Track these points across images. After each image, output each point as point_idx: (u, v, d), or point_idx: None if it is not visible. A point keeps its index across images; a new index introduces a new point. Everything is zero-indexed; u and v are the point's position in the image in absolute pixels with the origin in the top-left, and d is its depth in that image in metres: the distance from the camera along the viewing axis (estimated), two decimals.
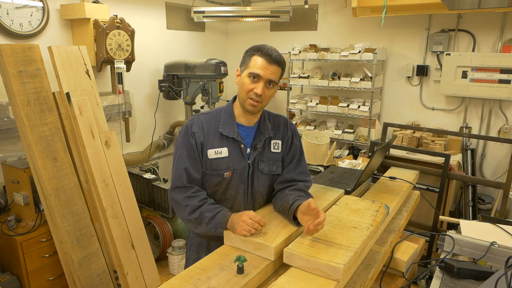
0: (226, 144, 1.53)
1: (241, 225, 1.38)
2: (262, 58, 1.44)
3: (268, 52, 1.44)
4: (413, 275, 1.73)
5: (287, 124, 1.67)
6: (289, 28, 4.37)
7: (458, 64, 3.39)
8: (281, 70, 1.49)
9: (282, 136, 1.64)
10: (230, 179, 1.54)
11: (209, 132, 1.53)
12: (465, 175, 3.18)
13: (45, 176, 2.33)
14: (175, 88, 3.65)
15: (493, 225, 1.72)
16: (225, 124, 1.54)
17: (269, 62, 1.43)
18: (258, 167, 1.58)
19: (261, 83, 1.45)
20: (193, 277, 1.22)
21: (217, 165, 1.52)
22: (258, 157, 1.58)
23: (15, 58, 2.29)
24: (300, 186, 1.59)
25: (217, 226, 1.44)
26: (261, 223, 1.40)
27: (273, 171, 1.61)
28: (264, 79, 1.44)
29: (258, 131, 1.59)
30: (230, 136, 1.53)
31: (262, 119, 1.61)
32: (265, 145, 1.60)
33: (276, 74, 1.47)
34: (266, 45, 1.48)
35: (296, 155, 1.66)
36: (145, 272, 2.72)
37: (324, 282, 1.19)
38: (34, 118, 2.34)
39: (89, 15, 2.90)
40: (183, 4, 4.07)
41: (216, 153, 1.51)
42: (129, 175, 2.77)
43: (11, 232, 2.47)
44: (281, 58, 1.47)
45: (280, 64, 1.47)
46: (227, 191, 1.56)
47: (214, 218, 1.44)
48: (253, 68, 1.45)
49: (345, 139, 3.83)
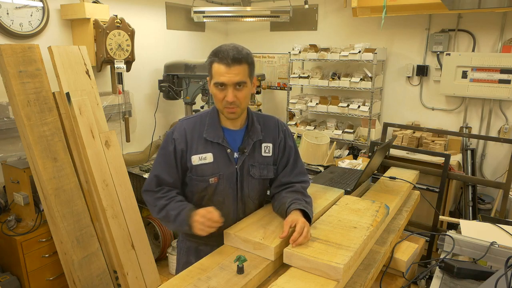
0: (211, 150, 1.48)
1: (195, 225, 1.37)
2: (221, 64, 1.36)
3: (225, 55, 1.35)
4: (413, 275, 1.73)
5: (278, 125, 1.61)
6: (289, 28, 4.36)
7: (458, 64, 3.39)
8: (246, 66, 1.38)
9: (273, 139, 1.58)
10: (217, 185, 1.50)
11: (192, 137, 1.49)
12: (465, 175, 3.18)
13: (45, 176, 2.33)
14: (175, 88, 3.65)
15: (493, 225, 1.72)
16: (209, 129, 1.49)
17: (229, 65, 1.35)
18: (248, 172, 1.53)
19: (229, 90, 1.37)
20: (193, 277, 1.22)
21: (202, 171, 1.48)
22: (247, 161, 1.52)
23: (15, 58, 2.29)
24: (297, 188, 1.57)
25: (182, 224, 1.42)
26: (214, 220, 1.35)
27: (264, 175, 1.56)
28: (230, 84, 1.37)
29: (247, 134, 1.52)
30: (215, 141, 1.48)
31: (250, 121, 1.55)
32: (255, 149, 1.54)
33: (241, 73, 1.37)
34: (223, 46, 1.39)
35: (291, 157, 1.61)
36: (145, 272, 2.72)
37: (324, 282, 1.19)
38: (34, 118, 2.34)
39: (89, 15, 2.90)
40: (183, 4, 4.07)
41: (200, 159, 1.47)
42: (129, 175, 2.77)
43: (11, 232, 2.47)
44: (240, 55, 1.36)
45: (242, 61, 1.36)
46: (213, 197, 1.52)
47: (178, 216, 1.43)
48: (216, 78, 1.38)
49: (345, 139, 3.83)
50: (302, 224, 1.34)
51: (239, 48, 1.39)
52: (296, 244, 1.30)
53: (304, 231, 1.32)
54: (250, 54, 1.42)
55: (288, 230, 1.35)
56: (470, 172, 3.43)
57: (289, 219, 1.39)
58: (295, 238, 1.30)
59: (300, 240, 1.30)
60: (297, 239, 1.30)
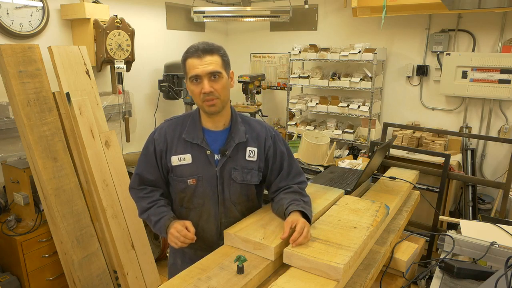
0: (190, 151, 1.47)
1: (169, 236, 1.42)
2: (192, 58, 1.38)
3: (195, 48, 1.38)
4: (413, 275, 1.73)
5: (266, 130, 1.55)
6: (289, 28, 4.37)
7: (458, 64, 3.39)
8: (219, 58, 1.39)
9: (259, 144, 1.53)
10: (195, 186, 1.48)
11: (173, 138, 1.49)
12: (465, 175, 3.18)
13: (45, 176, 2.33)
14: (175, 88, 3.65)
15: (493, 225, 1.72)
16: (189, 130, 1.48)
17: (199, 56, 1.36)
18: (230, 175, 1.49)
19: (204, 81, 1.37)
20: (193, 277, 1.22)
21: (181, 172, 1.48)
22: (229, 164, 1.48)
23: (15, 58, 2.29)
24: (294, 189, 1.56)
25: (161, 231, 1.47)
26: (188, 237, 1.40)
27: (247, 180, 1.51)
28: (204, 75, 1.37)
29: (229, 135, 1.49)
30: (194, 142, 1.47)
31: (233, 121, 1.51)
32: (238, 152, 1.49)
33: (213, 63, 1.37)
34: (193, 44, 1.41)
35: (285, 161, 1.58)
36: (145, 272, 2.72)
37: (324, 282, 1.19)
38: (34, 118, 2.34)
39: (89, 15, 2.90)
40: (183, 4, 4.07)
41: (179, 159, 1.47)
42: (129, 175, 2.77)
43: (11, 232, 2.47)
44: (211, 46, 1.38)
45: (213, 52, 1.38)
46: (193, 199, 1.51)
47: (158, 223, 1.47)
48: (190, 72, 1.39)
49: (345, 139, 3.83)
50: (302, 224, 1.34)
51: (210, 42, 1.41)
52: (296, 244, 1.31)
53: (304, 231, 1.32)
54: (222, 47, 1.43)
55: (289, 230, 1.35)
56: (470, 172, 3.43)
57: (289, 219, 1.39)
58: (295, 238, 1.31)
59: (300, 240, 1.31)
60: (297, 239, 1.30)
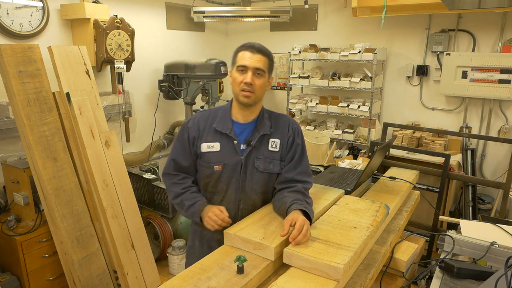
0: (219, 139, 1.60)
1: (207, 219, 1.54)
2: (246, 51, 1.53)
3: (251, 44, 1.54)
4: (413, 275, 1.73)
5: (289, 123, 1.68)
6: (289, 28, 4.36)
7: (458, 64, 3.39)
8: (267, 60, 1.55)
9: (281, 135, 1.64)
10: (221, 173, 1.61)
11: (205, 127, 1.62)
12: (465, 175, 3.18)
13: (45, 176, 2.33)
14: (175, 88, 3.65)
15: (493, 225, 1.72)
16: (220, 121, 1.62)
17: (253, 52, 1.52)
18: (253, 164, 1.60)
19: (249, 73, 1.51)
20: (193, 277, 1.22)
21: (209, 158, 1.61)
22: (253, 154, 1.60)
23: (15, 58, 2.29)
24: (298, 188, 1.59)
25: (193, 214, 1.59)
26: (225, 221, 1.51)
27: (269, 169, 1.62)
28: (251, 68, 1.51)
29: (255, 128, 1.62)
30: (223, 131, 1.60)
31: (260, 116, 1.64)
32: (261, 143, 1.62)
33: (262, 62, 1.52)
34: (250, 41, 1.57)
35: (297, 153, 1.66)
36: (145, 272, 2.72)
37: (324, 282, 1.20)
38: (34, 118, 2.34)
39: (89, 15, 2.90)
40: (183, 4, 4.07)
41: (208, 147, 1.60)
42: (129, 175, 2.77)
43: (11, 232, 2.47)
44: (264, 49, 1.55)
45: (264, 53, 1.54)
46: (217, 184, 1.63)
47: (192, 207, 1.60)
48: (240, 62, 1.53)
49: (345, 139, 3.83)
50: (301, 222, 1.35)
51: (263, 46, 1.58)
52: (295, 243, 1.31)
53: (303, 229, 1.33)
54: (271, 54, 1.60)
55: (288, 228, 1.36)
56: (470, 172, 3.43)
57: (289, 217, 1.41)
58: (294, 236, 1.32)
59: (299, 239, 1.31)
60: (297, 237, 1.31)
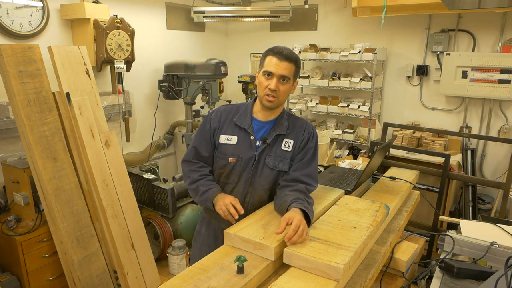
0: (237, 133, 1.67)
1: (220, 204, 1.59)
2: (274, 57, 1.56)
3: (279, 50, 1.57)
4: (413, 275, 1.73)
5: (305, 127, 1.72)
6: (289, 28, 4.37)
7: (458, 64, 3.39)
8: (294, 66, 1.59)
9: (296, 137, 1.69)
10: (234, 165, 1.67)
11: (226, 120, 1.70)
12: (465, 175, 3.18)
13: (45, 176, 2.33)
14: (175, 88, 3.65)
15: (493, 225, 1.72)
16: (240, 116, 1.69)
17: (280, 59, 1.55)
18: (264, 160, 1.66)
19: (274, 79, 1.56)
20: (193, 277, 1.22)
21: (225, 150, 1.68)
22: (267, 151, 1.66)
23: (15, 58, 2.29)
24: (300, 188, 1.59)
25: (207, 200, 1.65)
26: (238, 211, 1.56)
27: (278, 167, 1.67)
28: (276, 75, 1.55)
29: (273, 127, 1.68)
30: (242, 126, 1.67)
31: (280, 116, 1.70)
32: (276, 141, 1.67)
33: (288, 69, 1.56)
34: (279, 45, 1.61)
35: (307, 156, 1.68)
36: (145, 272, 2.72)
37: (324, 282, 1.20)
38: (34, 118, 2.34)
39: (89, 15, 2.90)
40: (183, 4, 4.07)
41: (226, 139, 1.68)
42: (129, 175, 2.77)
43: (11, 232, 2.47)
44: (292, 55, 1.57)
45: (292, 60, 1.57)
46: (230, 176, 1.69)
47: (206, 193, 1.66)
48: (266, 67, 1.58)
49: (345, 139, 3.83)
50: (297, 222, 1.35)
51: (292, 51, 1.61)
52: (291, 243, 1.31)
53: (299, 230, 1.33)
54: (299, 59, 1.64)
55: (284, 226, 1.36)
56: (470, 172, 3.43)
57: (286, 215, 1.41)
58: (289, 236, 1.32)
59: (294, 239, 1.31)
60: (292, 237, 1.31)
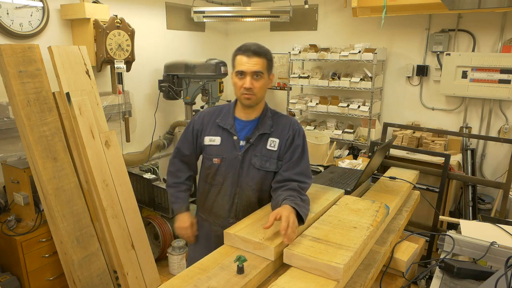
0: (220, 134, 1.70)
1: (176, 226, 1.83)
2: (243, 56, 1.57)
3: (247, 48, 1.57)
4: (413, 275, 1.73)
5: (290, 124, 1.71)
6: (289, 28, 4.36)
7: (458, 64, 3.39)
8: (265, 60, 1.58)
9: (281, 136, 1.68)
10: (219, 166, 1.70)
11: (209, 122, 1.73)
12: (465, 175, 3.18)
13: (45, 176, 2.33)
14: (175, 88, 3.65)
15: (493, 225, 1.72)
16: (223, 117, 1.71)
17: (249, 56, 1.56)
18: (250, 161, 1.67)
19: (247, 78, 1.57)
20: (193, 277, 1.22)
21: (210, 151, 1.72)
22: (252, 151, 1.66)
23: (15, 58, 2.29)
24: (293, 186, 1.58)
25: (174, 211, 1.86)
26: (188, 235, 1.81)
27: (265, 167, 1.67)
28: (249, 72, 1.56)
29: (256, 126, 1.68)
30: (225, 127, 1.69)
31: (263, 115, 1.69)
32: (260, 141, 1.67)
33: (259, 64, 1.56)
34: (247, 43, 1.61)
35: (296, 154, 1.67)
36: (145, 272, 2.72)
37: (324, 282, 1.20)
38: (34, 118, 2.34)
39: (89, 15, 2.90)
40: (183, 4, 4.07)
41: (210, 140, 1.71)
42: (129, 175, 2.77)
43: (11, 232, 2.47)
44: (261, 50, 1.58)
45: (261, 54, 1.57)
46: (215, 177, 1.72)
47: (173, 204, 1.84)
48: (237, 67, 1.59)
49: (345, 139, 3.83)
50: (286, 214, 1.35)
51: (260, 45, 1.61)
52: (287, 237, 1.31)
53: (290, 221, 1.32)
54: (269, 52, 1.63)
55: (272, 221, 1.36)
56: (470, 172, 3.43)
57: (275, 211, 1.41)
58: (284, 227, 1.31)
59: (289, 232, 1.31)
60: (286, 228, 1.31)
